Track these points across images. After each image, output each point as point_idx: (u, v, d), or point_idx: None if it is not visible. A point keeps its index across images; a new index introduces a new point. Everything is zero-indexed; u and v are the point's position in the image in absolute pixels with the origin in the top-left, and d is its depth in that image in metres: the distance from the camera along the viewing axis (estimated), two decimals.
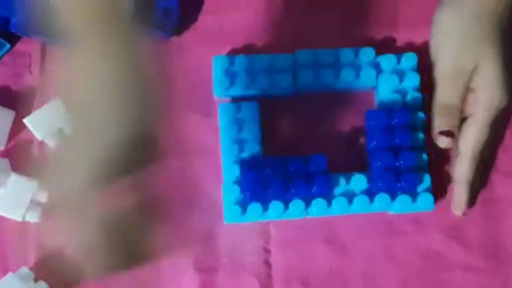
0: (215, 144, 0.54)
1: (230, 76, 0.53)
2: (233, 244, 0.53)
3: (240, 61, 0.54)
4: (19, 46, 0.56)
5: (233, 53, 0.56)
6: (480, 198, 0.55)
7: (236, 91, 0.54)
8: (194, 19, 0.57)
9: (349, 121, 0.55)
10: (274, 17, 0.57)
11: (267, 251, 0.53)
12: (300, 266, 0.53)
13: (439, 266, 0.53)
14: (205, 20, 0.57)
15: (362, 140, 0.55)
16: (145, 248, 0.40)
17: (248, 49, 0.56)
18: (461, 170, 0.52)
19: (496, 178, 0.55)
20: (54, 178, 0.37)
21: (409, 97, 0.54)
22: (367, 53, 0.54)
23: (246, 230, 0.53)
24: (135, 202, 0.37)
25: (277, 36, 0.57)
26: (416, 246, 0.54)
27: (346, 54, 0.54)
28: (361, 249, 0.53)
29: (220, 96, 0.55)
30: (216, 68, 0.54)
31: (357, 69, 0.54)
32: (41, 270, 0.52)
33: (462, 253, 0.53)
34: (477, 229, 0.54)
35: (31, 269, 0.52)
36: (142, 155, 0.37)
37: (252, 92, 0.54)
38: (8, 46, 0.56)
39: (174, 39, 0.56)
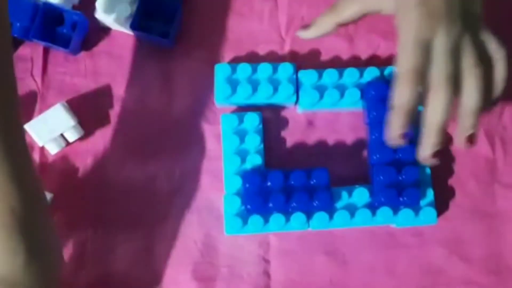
0: (217, 151, 0.54)
1: (232, 84, 0.53)
2: (233, 254, 0.53)
3: (243, 69, 0.53)
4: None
5: (235, 61, 0.55)
6: (481, 211, 0.54)
7: (238, 99, 0.53)
8: (197, 26, 0.56)
9: (353, 133, 0.55)
10: (278, 25, 0.57)
11: (266, 261, 0.53)
12: (300, 277, 0.53)
13: (440, 281, 0.53)
14: (208, 27, 0.56)
15: (365, 152, 0.55)
16: None
17: (251, 58, 0.56)
18: (397, 92, 0.46)
19: (498, 191, 0.55)
20: None
21: None
22: (371, 73, 0.53)
23: (246, 239, 0.53)
24: None
25: (280, 45, 0.56)
26: (417, 260, 0.53)
27: (351, 74, 0.53)
28: (361, 261, 0.53)
29: (221, 104, 0.54)
30: (218, 76, 0.53)
31: (362, 87, 0.53)
32: None
33: (463, 268, 0.53)
34: (479, 243, 0.54)
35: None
36: None
37: (253, 100, 0.54)
38: None
39: (177, 46, 0.56)
